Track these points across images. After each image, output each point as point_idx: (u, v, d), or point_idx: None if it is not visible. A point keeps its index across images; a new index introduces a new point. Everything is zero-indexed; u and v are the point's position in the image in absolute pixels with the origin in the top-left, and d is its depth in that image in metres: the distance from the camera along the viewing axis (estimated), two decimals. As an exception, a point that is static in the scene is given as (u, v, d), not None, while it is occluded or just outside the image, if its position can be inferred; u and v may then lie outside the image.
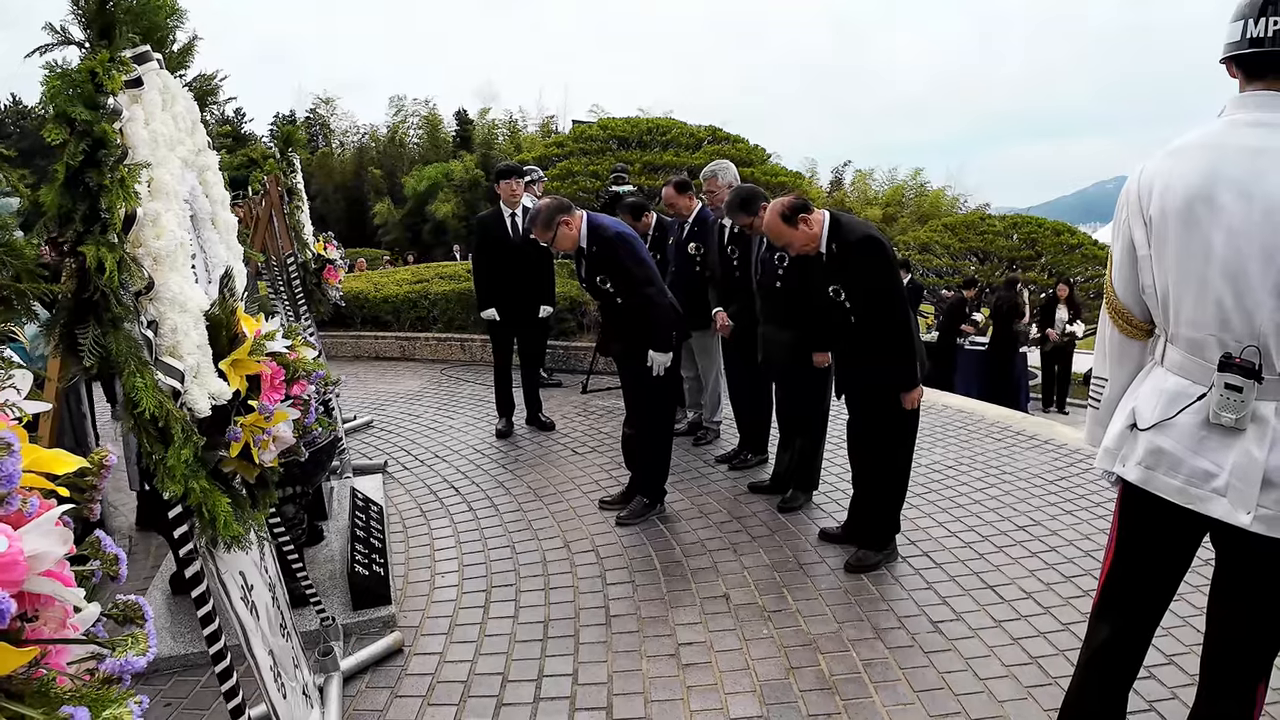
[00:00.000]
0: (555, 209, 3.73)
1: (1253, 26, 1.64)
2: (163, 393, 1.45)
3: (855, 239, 3.21)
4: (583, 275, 3.98)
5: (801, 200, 3.28)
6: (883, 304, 3.20)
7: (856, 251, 3.19)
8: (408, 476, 4.81)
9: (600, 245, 3.77)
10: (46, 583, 0.68)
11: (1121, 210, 1.85)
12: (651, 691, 2.65)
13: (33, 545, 0.66)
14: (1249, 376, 1.62)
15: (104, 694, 0.65)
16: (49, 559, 0.69)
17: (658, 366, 3.79)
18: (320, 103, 31.37)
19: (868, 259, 3.18)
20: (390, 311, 8.69)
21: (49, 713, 0.60)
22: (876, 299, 3.20)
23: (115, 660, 0.69)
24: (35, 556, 0.67)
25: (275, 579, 2.39)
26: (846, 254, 3.21)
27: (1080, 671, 2.07)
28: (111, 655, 0.71)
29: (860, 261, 3.19)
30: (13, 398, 0.77)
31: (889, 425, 3.36)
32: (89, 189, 1.30)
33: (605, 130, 9.43)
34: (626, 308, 3.86)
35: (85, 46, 1.45)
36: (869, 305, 3.23)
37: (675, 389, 4.18)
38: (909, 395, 3.24)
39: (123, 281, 1.35)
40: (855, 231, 3.24)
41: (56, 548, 0.69)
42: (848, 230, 3.24)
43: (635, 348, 3.84)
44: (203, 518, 1.62)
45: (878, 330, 3.22)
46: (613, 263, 3.76)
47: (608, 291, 3.85)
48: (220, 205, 2.09)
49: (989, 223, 15.54)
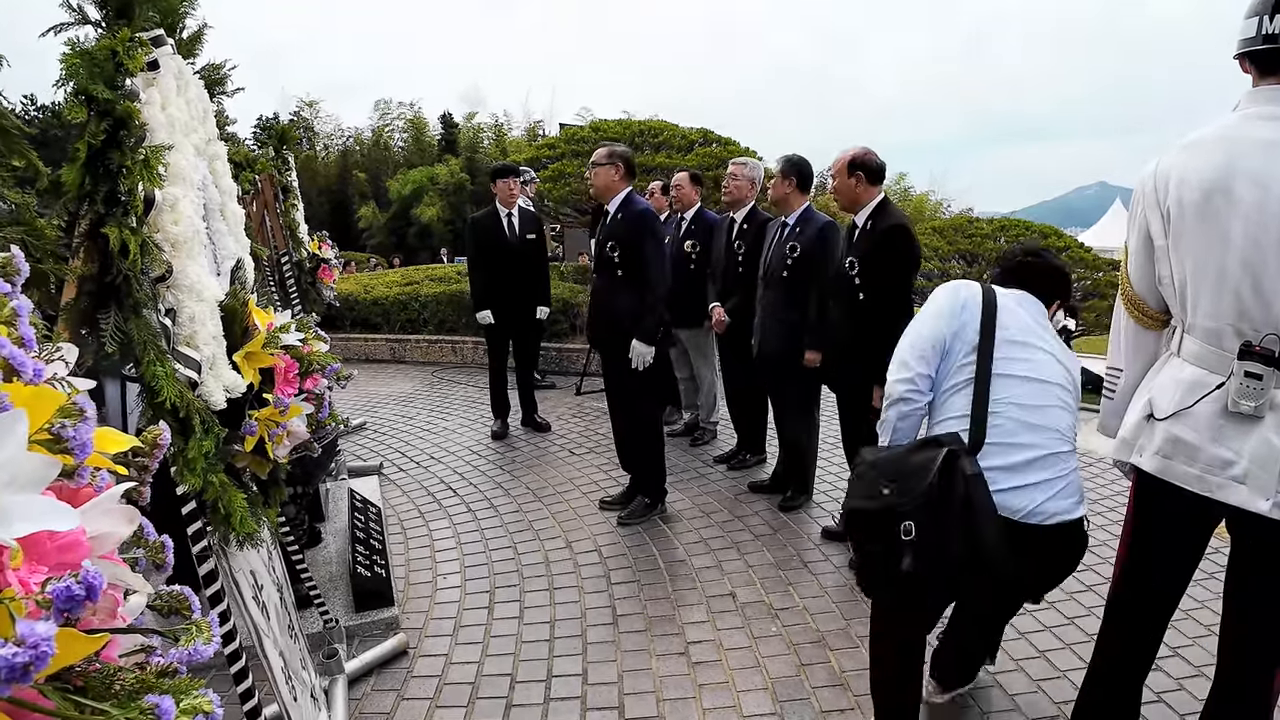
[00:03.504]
0: (621, 152, 3.77)
1: (1267, 23, 1.67)
2: (181, 383, 1.42)
3: (889, 224, 3.32)
4: (598, 237, 3.95)
5: (877, 168, 3.36)
6: (891, 291, 3.29)
7: (886, 235, 3.29)
8: (404, 478, 4.76)
9: (626, 214, 3.78)
10: (108, 565, 0.65)
11: (1138, 203, 1.87)
12: (663, 690, 2.63)
13: (95, 525, 0.63)
14: (1269, 364, 1.63)
15: (180, 683, 0.62)
16: (111, 540, 0.66)
17: (639, 359, 3.73)
18: (304, 105, 31.13)
19: (894, 246, 3.28)
20: (380, 314, 8.62)
21: (124, 705, 0.56)
22: (888, 283, 3.29)
23: (182, 650, 0.66)
24: (98, 538, 0.64)
25: (282, 579, 2.35)
26: (875, 234, 3.31)
27: (1095, 663, 2.07)
28: (177, 645, 0.67)
29: (886, 246, 3.28)
30: (60, 371, 0.74)
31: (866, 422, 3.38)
32: (109, 170, 1.27)
33: (597, 132, 9.40)
34: (623, 285, 3.80)
35: (101, 27, 1.41)
36: (881, 288, 3.29)
37: (658, 389, 4.17)
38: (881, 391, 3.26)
39: (145, 266, 1.32)
40: (895, 218, 3.37)
41: (121, 528, 0.66)
42: (890, 215, 3.37)
43: (619, 336, 3.78)
44: (218, 513, 1.59)
45: (877, 315, 3.28)
46: (633, 235, 3.73)
47: (612, 262, 3.82)
48: (229, 196, 2.06)
49: (976, 225, 15.63)
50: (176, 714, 0.58)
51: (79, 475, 0.64)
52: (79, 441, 0.62)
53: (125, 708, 0.56)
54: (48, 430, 0.61)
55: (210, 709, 0.62)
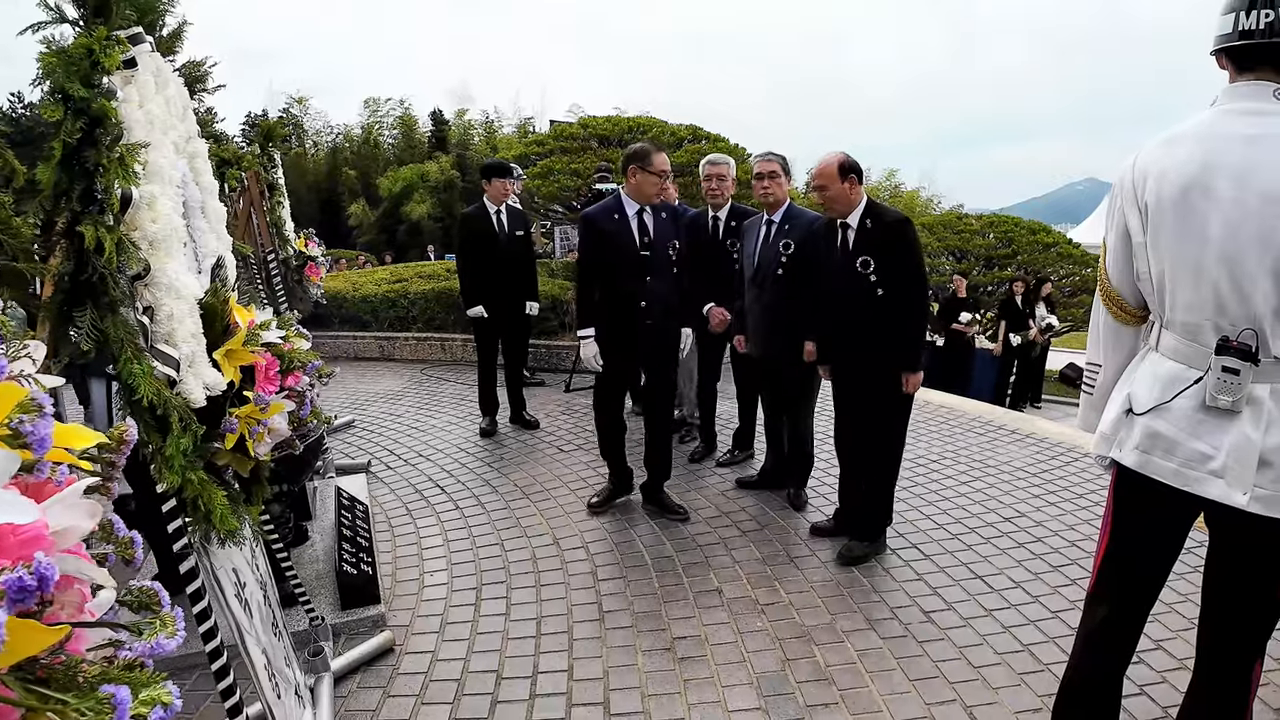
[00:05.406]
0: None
1: (1244, 19, 1.67)
2: (159, 380, 1.41)
3: (894, 218, 3.40)
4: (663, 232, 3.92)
5: (861, 168, 3.40)
6: (913, 282, 3.33)
7: (897, 230, 3.34)
8: (392, 476, 4.75)
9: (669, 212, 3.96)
10: (71, 560, 0.66)
11: (1116, 198, 1.88)
12: (648, 685, 2.64)
13: (58, 519, 0.64)
14: (1246, 359, 1.64)
15: (139, 676, 0.62)
16: (75, 534, 0.66)
17: (688, 343, 4.00)
18: (293, 102, 30.92)
19: (906, 238, 3.34)
20: (369, 311, 8.60)
21: (82, 695, 0.57)
22: (908, 275, 3.32)
23: (144, 643, 0.66)
24: (61, 532, 0.64)
25: (266, 577, 2.35)
26: (884, 231, 3.35)
27: (1076, 655, 2.08)
28: (140, 638, 0.67)
29: (900, 240, 3.33)
30: (28, 368, 0.74)
31: (886, 411, 3.43)
32: (86, 168, 1.27)
33: (586, 129, 9.39)
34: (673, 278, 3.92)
35: (79, 25, 1.41)
36: (900, 282, 3.32)
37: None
38: (913, 378, 3.33)
39: (120, 264, 1.32)
40: (892, 213, 3.44)
41: (82, 522, 0.66)
42: (885, 211, 3.43)
43: (673, 323, 3.94)
44: (198, 511, 1.59)
45: (900, 307, 3.32)
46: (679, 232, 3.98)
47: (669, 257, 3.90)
48: (209, 194, 2.05)
49: (965, 222, 15.71)
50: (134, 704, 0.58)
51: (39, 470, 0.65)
52: (38, 437, 0.62)
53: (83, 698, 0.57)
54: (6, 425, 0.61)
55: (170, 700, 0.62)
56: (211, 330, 1.70)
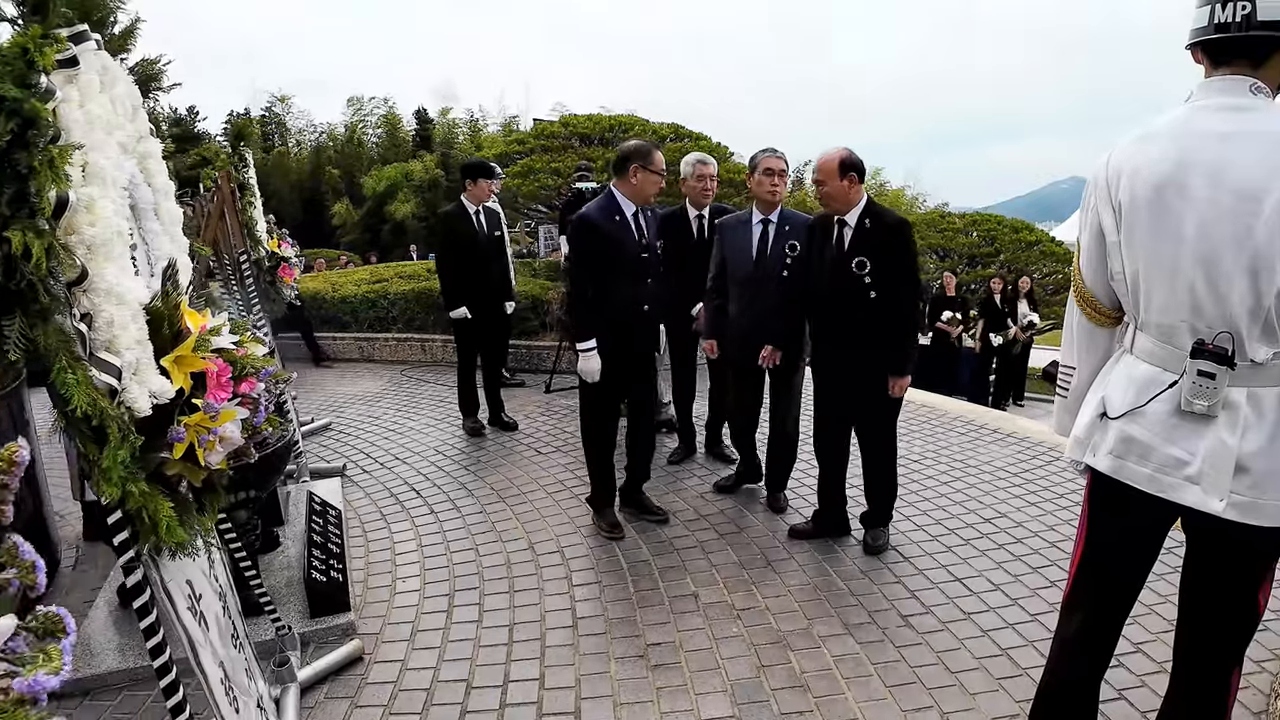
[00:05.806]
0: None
1: (1219, 12, 1.63)
2: (97, 390, 1.35)
3: (894, 220, 3.42)
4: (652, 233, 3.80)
5: (862, 166, 3.39)
6: (906, 284, 3.33)
7: (896, 232, 3.35)
8: (367, 480, 4.69)
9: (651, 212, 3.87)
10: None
11: (1090, 197, 1.84)
12: (620, 694, 2.59)
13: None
14: (1221, 363, 1.61)
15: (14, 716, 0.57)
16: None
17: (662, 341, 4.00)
18: (275, 100, 30.61)
19: (904, 240, 3.35)
20: (349, 312, 8.51)
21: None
22: (902, 278, 3.32)
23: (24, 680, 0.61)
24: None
25: (226, 587, 2.28)
26: (882, 232, 3.34)
27: (1053, 660, 2.06)
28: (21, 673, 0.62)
29: (898, 241, 3.34)
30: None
31: (876, 407, 3.45)
32: (18, 170, 1.21)
33: (567, 127, 9.32)
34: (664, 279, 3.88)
35: (17, 24, 1.35)
36: (894, 283, 3.31)
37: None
38: (900, 381, 3.34)
39: (52, 270, 1.26)
40: (892, 215, 3.46)
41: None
42: (884, 212, 3.44)
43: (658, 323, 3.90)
44: (143, 523, 1.52)
45: (892, 310, 3.31)
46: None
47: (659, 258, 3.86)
48: (164, 195, 1.99)
49: (949, 220, 15.77)
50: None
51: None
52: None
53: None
54: None
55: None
56: (159, 336, 1.65)
